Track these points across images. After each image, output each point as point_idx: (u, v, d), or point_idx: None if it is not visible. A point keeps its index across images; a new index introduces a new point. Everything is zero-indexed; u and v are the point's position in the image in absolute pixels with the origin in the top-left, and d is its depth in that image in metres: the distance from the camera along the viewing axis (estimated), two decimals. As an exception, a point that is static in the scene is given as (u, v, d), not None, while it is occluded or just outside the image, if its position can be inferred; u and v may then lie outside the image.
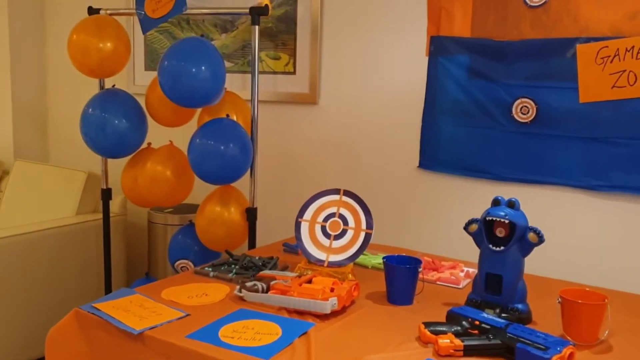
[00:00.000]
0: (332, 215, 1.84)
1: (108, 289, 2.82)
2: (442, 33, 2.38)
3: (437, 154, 2.44)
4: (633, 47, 2.04)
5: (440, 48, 2.39)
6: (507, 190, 2.31)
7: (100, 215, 2.83)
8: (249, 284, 1.63)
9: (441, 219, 2.47)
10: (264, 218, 2.64)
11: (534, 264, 1.73)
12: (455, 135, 2.39)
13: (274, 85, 2.80)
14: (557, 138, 2.20)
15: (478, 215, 1.59)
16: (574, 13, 2.13)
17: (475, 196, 2.38)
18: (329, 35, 2.66)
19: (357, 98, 2.62)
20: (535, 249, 1.53)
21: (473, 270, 1.92)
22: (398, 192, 2.56)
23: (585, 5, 2.11)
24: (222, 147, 2.19)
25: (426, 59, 2.42)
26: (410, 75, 2.47)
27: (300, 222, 1.86)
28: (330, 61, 2.67)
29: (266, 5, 2.30)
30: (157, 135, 2.63)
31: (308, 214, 1.86)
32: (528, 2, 2.21)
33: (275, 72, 2.80)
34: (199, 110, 2.45)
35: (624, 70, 2.06)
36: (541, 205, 2.26)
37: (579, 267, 2.21)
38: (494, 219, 1.52)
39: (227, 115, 2.29)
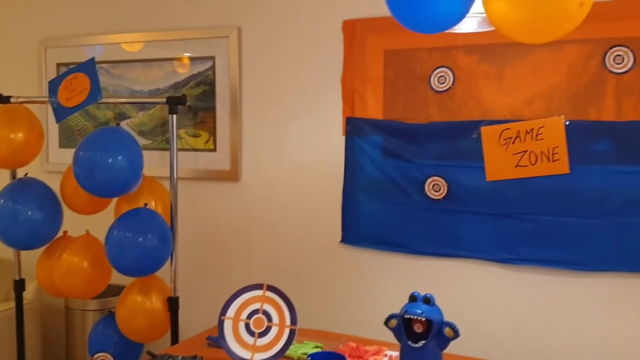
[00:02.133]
0: (255, 311, 1.84)
1: (22, 383, 2.67)
2: (357, 115, 2.47)
3: (359, 229, 2.49)
4: (532, 129, 2.11)
5: (355, 128, 2.47)
6: (425, 264, 2.39)
7: (13, 304, 2.68)
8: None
9: (365, 294, 2.51)
10: (188, 303, 2.58)
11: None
12: (374, 211, 2.45)
13: (194, 161, 2.79)
14: (468, 214, 2.29)
15: (399, 291, 1.67)
16: (477, 98, 2.27)
17: (396, 270, 2.44)
18: (249, 114, 2.69)
19: (279, 174, 2.65)
20: (450, 319, 1.58)
21: (396, 355, 1.96)
22: (322, 267, 2.58)
23: (486, 91, 2.25)
24: (140, 239, 2.15)
25: (343, 138, 2.50)
26: (330, 153, 2.52)
27: (223, 320, 1.84)
28: (251, 139, 2.70)
29: (184, 95, 2.31)
30: (73, 222, 2.54)
31: (231, 311, 1.85)
32: (434, 87, 2.33)
33: (195, 150, 2.78)
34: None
35: (526, 151, 2.12)
36: (456, 277, 2.34)
37: (492, 338, 2.28)
38: (412, 317, 1.57)
39: (145, 205, 2.26)
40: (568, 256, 2.17)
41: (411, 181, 2.37)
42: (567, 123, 2.02)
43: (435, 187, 2.34)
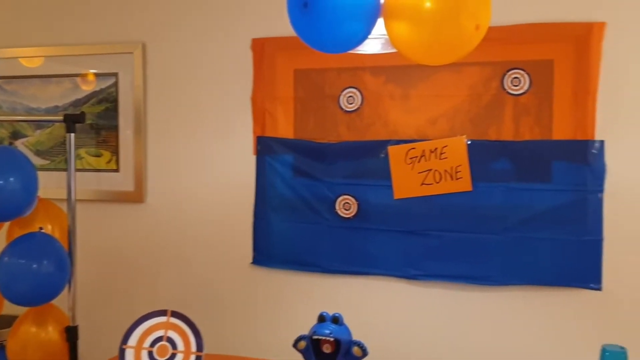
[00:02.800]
0: (159, 339, 1.76)
1: None
2: (268, 134, 2.45)
3: (270, 249, 2.46)
4: (436, 148, 2.25)
5: (266, 148, 2.45)
6: (336, 283, 2.39)
7: None
8: None
9: (277, 316, 2.47)
10: (89, 333, 2.42)
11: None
12: (285, 231, 2.43)
13: (96, 183, 2.66)
14: (377, 231, 2.32)
15: (311, 311, 1.64)
16: (384, 118, 2.31)
17: (308, 290, 2.42)
18: (155, 132, 2.60)
19: (187, 195, 2.57)
20: (362, 336, 1.58)
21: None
22: (233, 290, 2.53)
23: (393, 111, 2.30)
24: (34, 266, 2.00)
25: (254, 157, 2.47)
26: (241, 173, 2.48)
27: (124, 349, 1.75)
28: (156, 158, 2.61)
29: (82, 112, 2.19)
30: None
31: (133, 340, 1.76)
32: (343, 107, 2.35)
33: (97, 170, 2.65)
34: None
35: (430, 169, 2.26)
36: (366, 295, 2.36)
37: (401, 354, 2.32)
38: (320, 337, 1.55)
39: (41, 228, 2.11)
40: (473, 271, 2.23)
41: (322, 200, 2.38)
42: (469, 142, 2.20)
43: (346, 206, 2.35)
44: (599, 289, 2.11)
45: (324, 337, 1.55)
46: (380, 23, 1.36)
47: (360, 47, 1.54)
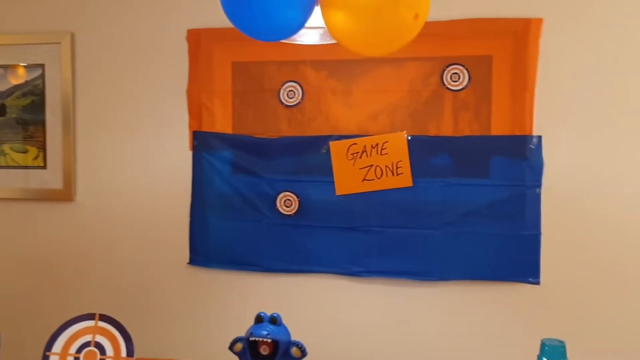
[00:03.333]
0: (87, 344, 1.66)
1: None
2: (204, 128, 2.36)
3: (208, 249, 2.37)
4: (377, 144, 2.23)
5: (203, 143, 2.36)
6: (277, 282, 2.33)
7: None
8: None
9: (216, 317, 2.39)
10: (12, 341, 2.27)
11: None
12: (224, 229, 2.36)
13: (22, 180, 2.50)
14: (319, 228, 2.28)
15: (251, 311, 1.58)
16: (326, 113, 2.27)
17: (247, 290, 2.36)
18: (85, 127, 2.47)
19: (119, 193, 2.45)
20: (305, 335, 1.55)
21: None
22: (169, 292, 2.42)
23: (335, 106, 2.26)
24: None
25: (190, 153, 2.38)
26: (176, 170, 2.39)
27: (48, 357, 1.64)
28: (87, 155, 2.47)
29: (3, 104, 2.05)
30: None
31: (58, 346, 1.65)
32: (284, 101, 2.29)
33: (23, 167, 2.50)
34: None
35: (372, 165, 2.23)
36: (308, 293, 2.31)
37: (344, 349, 2.30)
38: (257, 339, 1.50)
39: (-42, 229, 1.96)
40: (413, 267, 2.22)
41: (262, 197, 2.32)
42: (409, 138, 2.23)
43: (287, 203, 2.30)
44: (537, 283, 2.14)
45: (261, 339, 1.49)
46: (317, 12, 1.31)
47: (298, 38, 1.50)
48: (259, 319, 1.54)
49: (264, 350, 1.51)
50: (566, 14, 2.10)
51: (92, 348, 1.65)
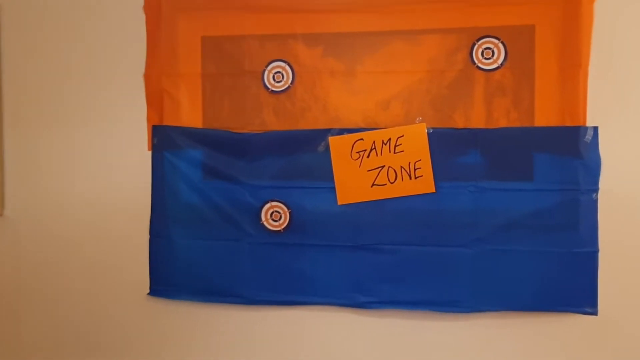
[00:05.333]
0: None
1: None
2: (167, 122, 2.05)
3: (172, 276, 2.09)
4: (390, 139, 1.96)
5: (165, 141, 2.05)
6: (263, 316, 2.06)
7: None
8: None
9: None
10: None
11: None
12: (192, 251, 2.07)
13: None
14: (316, 248, 2.01)
15: (228, 354, 1.44)
16: (323, 101, 1.99)
17: (224, 328, 2.08)
18: (13, 123, 2.16)
19: (59, 206, 2.15)
20: None
21: None
22: (124, 329, 2.14)
23: (334, 92, 1.98)
24: None
25: (149, 154, 2.07)
26: (132, 175, 2.10)
27: None
28: (17, 157, 2.17)
29: None
30: None
31: None
32: (269, 86, 2.01)
33: None
34: None
35: (383, 166, 1.97)
36: (304, 331, 2.06)
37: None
38: None
39: None
40: (437, 295, 1.97)
41: (242, 208, 2.03)
42: (430, 131, 1.95)
43: (275, 215, 2.02)
44: (594, 313, 1.90)
45: None
46: None
47: None
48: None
49: None
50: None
51: None
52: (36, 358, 2.11)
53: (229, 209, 2.02)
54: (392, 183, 1.95)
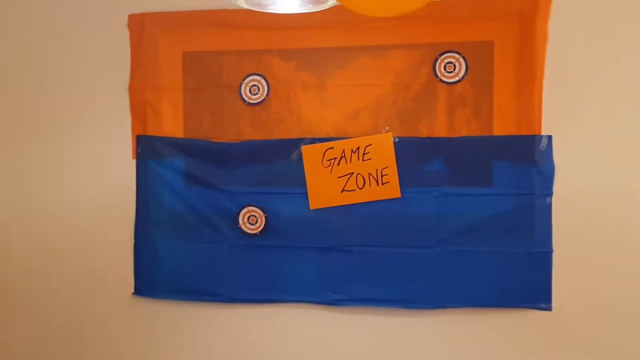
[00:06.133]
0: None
1: None
2: (150, 132, 2.13)
3: (156, 276, 2.17)
4: (358, 147, 2.04)
5: (149, 150, 2.13)
6: (241, 314, 2.14)
7: None
8: None
9: (165, 358, 2.16)
10: None
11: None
12: (175, 253, 2.15)
13: None
14: (290, 249, 2.09)
15: (209, 350, 1.51)
16: (296, 112, 2.07)
17: (206, 325, 2.16)
18: (3, 136, 2.23)
19: (45, 212, 2.23)
20: None
21: None
22: (110, 328, 2.22)
23: (307, 104, 2.06)
24: None
25: (134, 162, 2.15)
26: (117, 182, 2.17)
27: None
28: (5, 164, 2.24)
29: None
30: None
31: None
32: (246, 99, 2.09)
33: None
34: None
35: (352, 173, 2.05)
36: (279, 327, 2.13)
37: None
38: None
39: None
40: (403, 293, 2.04)
41: (221, 213, 2.11)
42: (397, 140, 2.02)
43: (251, 219, 2.09)
44: (549, 308, 1.97)
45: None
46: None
47: (271, 5, 1.20)
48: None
49: None
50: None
51: None
52: (25, 358, 2.17)
53: (209, 213, 2.10)
54: (360, 189, 2.02)
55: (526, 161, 1.93)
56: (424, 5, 0.99)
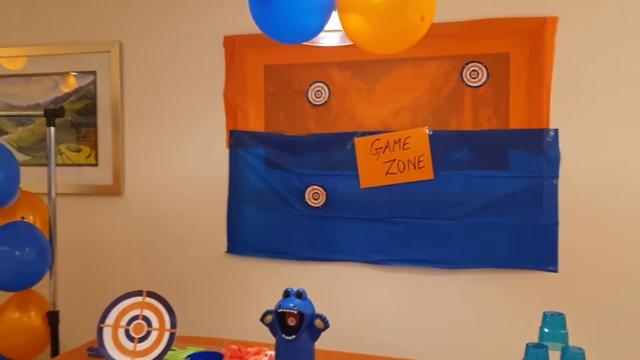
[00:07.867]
0: (135, 317, 1.84)
1: None
2: (240, 128, 2.51)
3: (243, 239, 2.52)
4: (400, 139, 2.32)
5: (238, 141, 2.51)
6: (306, 269, 2.45)
7: None
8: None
9: (249, 300, 2.53)
10: (68, 319, 2.50)
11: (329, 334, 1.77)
12: (258, 221, 2.50)
13: (76, 177, 2.73)
14: (345, 220, 2.38)
15: (281, 295, 1.69)
16: (351, 111, 2.38)
17: (279, 276, 2.49)
18: (132, 128, 2.67)
19: (163, 188, 2.63)
20: (332, 317, 1.66)
21: (276, 354, 2.01)
22: (208, 277, 2.59)
23: (359, 105, 2.37)
24: (17, 253, 2.08)
25: (227, 150, 2.53)
26: (215, 166, 2.54)
27: (102, 328, 1.83)
28: (134, 153, 2.67)
29: (62, 107, 2.28)
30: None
31: (110, 319, 1.84)
32: (312, 101, 2.41)
33: (77, 165, 2.73)
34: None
35: (395, 159, 2.32)
36: (334, 279, 2.42)
37: (368, 332, 2.39)
38: (285, 310, 1.65)
39: (22, 218, 2.19)
40: (435, 255, 2.30)
41: (292, 191, 2.43)
42: (431, 133, 2.27)
43: (315, 196, 2.40)
44: (555, 270, 2.17)
45: (288, 310, 1.63)
46: (335, 17, 1.45)
47: (320, 40, 1.64)
48: (286, 294, 1.69)
49: (291, 322, 1.66)
50: (580, 12, 2.13)
51: (140, 321, 1.83)
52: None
53: (283, 191, 2.43)
54: (401, 172, 2.28)
55: (536, 150, 2.14)
56: (415, 41, 1.41)
